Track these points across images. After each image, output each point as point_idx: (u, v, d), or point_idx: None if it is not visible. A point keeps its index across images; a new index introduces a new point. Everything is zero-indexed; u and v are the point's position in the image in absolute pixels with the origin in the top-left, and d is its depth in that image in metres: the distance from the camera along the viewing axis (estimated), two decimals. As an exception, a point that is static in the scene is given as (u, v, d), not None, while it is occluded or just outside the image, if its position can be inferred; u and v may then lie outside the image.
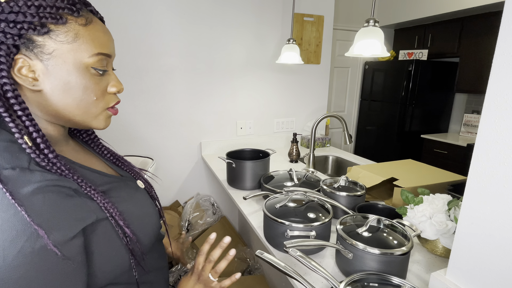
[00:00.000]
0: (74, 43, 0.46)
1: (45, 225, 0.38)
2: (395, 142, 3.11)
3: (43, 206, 0.39)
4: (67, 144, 0.54)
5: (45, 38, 0.44)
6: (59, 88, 0.46)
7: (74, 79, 0.46)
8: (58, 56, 0.45)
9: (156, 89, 1.70)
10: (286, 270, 0.63)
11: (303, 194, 0.95)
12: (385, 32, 3.33)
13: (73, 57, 0.46)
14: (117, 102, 0.54)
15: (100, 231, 0.46)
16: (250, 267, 1.73)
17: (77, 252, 0.42)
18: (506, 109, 0.46)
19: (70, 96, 0.47)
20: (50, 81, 0.45)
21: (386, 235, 0.73)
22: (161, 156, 1.79)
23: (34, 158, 0.42)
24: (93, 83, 0.48)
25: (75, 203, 0.43)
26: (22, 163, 0.41)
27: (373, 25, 1.16)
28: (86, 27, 0.47)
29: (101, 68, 0.49)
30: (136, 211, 0.54)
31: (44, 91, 0.46)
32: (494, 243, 0.50)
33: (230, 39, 1.80)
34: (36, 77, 0.45)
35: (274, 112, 2.06)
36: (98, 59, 0.48)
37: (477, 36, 2.64)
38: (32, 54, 0.44)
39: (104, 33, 0.50)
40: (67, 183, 0.43)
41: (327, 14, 2.04)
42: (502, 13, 0.46)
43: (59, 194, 0.41)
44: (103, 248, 0.47)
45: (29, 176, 0.40)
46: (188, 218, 1.79)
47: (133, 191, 0.57)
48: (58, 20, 0.44)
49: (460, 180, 1.14)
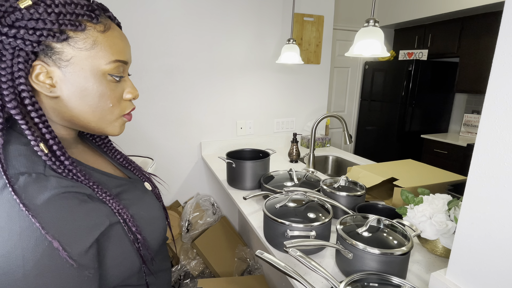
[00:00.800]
0: (92, 50, 0.45)
1: (62, 236, 0.38)
2: (395, 142, 3.11)
3: (59, 215, 0.39)
4: (76, 146, 0.54)
5: (64, 45, 0.43)
6: (76, 95, 0.46)
7: (91, 85, 0.46)
8: (76, 63, 0.45)
9: (156, 89, 1.70)
10: (286, 270, 0.63)
11: (303, 194, 0.95)
12: (385, 32, 3.33)
13: (90, 64, 0.45)
14: (133, 109, 0.54)
15: (112, 235, 0.47)
16: (250, 267, 1.73)
17: (93, 260, 0.42)
18: (506, 109, 0.46)
19: (86, 103, 0.47)
20: (67, 88, 0.45)
21: (386, 235, 0.73)
22: (161, 156, 1.79)
23: (50, 165, 0.42)
24: (109, 90, 0.48)
25: (90, 209, 0.43)
26: (38, 168, 0.41)
27: (373, 25, 1.16)
28: (104, 34, 0.47)
29: (118, 74, 0.49)
30: (146, 215, 0.54)
31: (61, 98, 0.46)
32: (494, 243, 0.50)
33: (230, 39, 1.80)
34: (54, 84, 0.44)
35: (274, 112, 2.06)
36: (115, 66, 0.48)
37: (477, 36, 2.64)
38: (50, 61, 0.43)
39: (121, 39, 0.50)
40: (81, 189, 0.43)
41: (327, 14, 2.04)
42: (502, 13, 0.46)
43: (74, 201, 0.41)
44: (114, 252, 0.47)
45: (45, 182, 0.40)
46: (188, 218, 1.79)
47: (141, 193, 0.57)
48: (78, 27, 0.44)
49: (460, 180, 1.14)
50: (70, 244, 0.39)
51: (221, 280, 1.53)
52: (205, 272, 1.75)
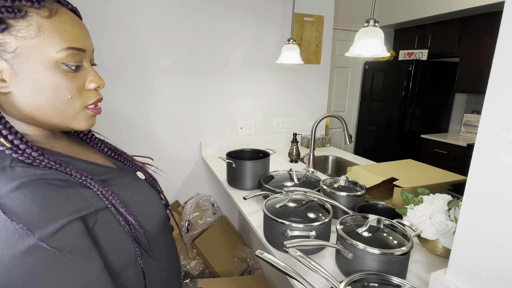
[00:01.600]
0: (38, 38, 0.42)
1: (31, 221, 0.37)
2: (395, 142, 3.11)
3: (27, 201, 0.37)
4: (58, 141, 0.52)
5: (5, 35, 0.40)
6: (29, 88, 0.43)
7: (43, 77, 0.43)
8: (22, 54, 0.41)
9: (156, 89, 1.70)
10: (286, 270, 0.63)
11: (303, 194, 0.95)
12: (385, 32, 3.33)
13: (38, 53, 0.42)
14: (98, 100, 0.50)
15: (103, 221, 0.45)
16: (250, 267, 1.73)
17: (73, 241, 0.40)
18: (506, 109, 0.46)
19: (42, 96, 0.43)
20: (18, 82, 0.42)
21: (386, 235, 0.73)
22: (161, 156, 1.79)
23: (17, 157, 0.40)
24: (65, 80, 0.45)
25: (67, 194, 0.41)
26: (3, 162, 0.39)
27: (373, 25, 1.16)
28: (50, 19, 0.43)
29: (74, 63, 0.45)
30: (138, 199, 0.52)
31: (14, 93, 0.43)
32: (494, 243, 0.50)
33: (230, 39, 1.80)
34: (4, 78, 0.42)
35: (274, 112, 2.06)
36: (68, 54, 0.44)
37: (477, 36, 2.64)
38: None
39: (73, 25, 0.46)
40: (55, 176, 0.41)
41: (327, 14, 2.04)
42: (502, 13, 0.46)
43: (46, 186, 0.39)
44: (109, 238, 0.45)
45: (10, 174, 0.38)
46: (188, 218, 1.79)
47: (132, 180, 0.55)
48: (16, 14, 0.40)
49: (460, 180, 1.14)
50: (40, 226, 0.37)
51: (221, 280, 1.53)
52: (205, 272, 1.75)
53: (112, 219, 0.46)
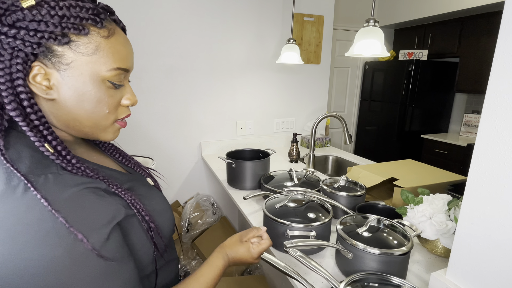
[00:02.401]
0: (94, 56, 0.44)
1: (84, 228, 0.39)
2: (395, 142, 3.11)
3: (80, 209, 0.39)
4: (80, 146, 0.54)
5: (65, 48, 0.42)
6: (73, 99, 0.45)
7: (89, 91, 0.45)
8: (76, 67, 0.43)
9: (156, 89, 1.70)
10: (286, 270, 0.63)
11: (303, 194, 0.95)
12: (385, 32, 3.33)
13: (90, 69, 0.44)
14: (128, 115, 0.53)
15: (129, 227, 0.48)
16: (250, 267, 1.73)
17: (114, 251, 0.42)
18: (506, 109, 0.46)
19: (82, 108, 0.46)
20: (64, 91, 0.44)
21: (386, 235, 0.73)
22: (161, 156, 1.79)
23: (59, 163, 0.42)
24: (107, 96, 0.47)
25: (107, 202, 0.44)
26: (51, 168, 0.41)
27: (373, 25, 1.16)
28: (108, 40, 0.46)
29: (118, 82, 0.48)
30: (156, 207, 0.55)
31: (58, 100, 0.44)
32: (494, 243, 0.50)
33: (231, 39, 1.80)
34: (51, 86, 0.43)
35: (274, 112, 2.06)
36: (116, 73, 0.47)
37: (477, 36, 2.64)
38: (49, 63, 0.42)
39: (125, 46, 0.49)
40: (97, 184, 0.44)
41: (327, 14, 2.04)
42: (502, 13, 0.46)
43: (92, 196, 0.42)
44: (133, 242, 0.48)
45: (62, 181, 0.40)
46: (188, 218, 1.79)
47: (148, 188, 0.58)
48: (81, 31, 0.43)
49: (460, 180, 1.14)
50: (91, 236, 0.39)
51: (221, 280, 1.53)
52: (205, 272, 1.75)
53: (137, 226, 0.49)
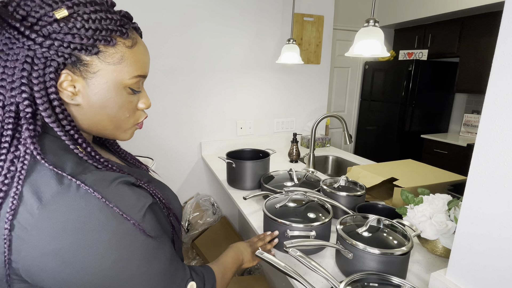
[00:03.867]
0: (119, 65, 0.47)
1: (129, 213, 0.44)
2: (395, 142, 3.11)
3: (123, 198, 0.44)
4: (95, 147, 0.57)
5: (93, 58, 0.44)
6: (97, 105, 0.47)
7: (113, 97, 0.48)
8: (102, 76, 0.46)
9: (156, 89, 1.70)
10: (286, 270, 0.63)
11: (303, 194, 0.95)
12: (385, 32, 3.33)
13: (115, 77, 0.47)
14: (145, 117, 0.57)
15: (155, 212, 0.52)
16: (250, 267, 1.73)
17: (153, 228, 0.48)
18: (506, 109, 0.46)
19: (105, 113, 0.48)
20: (89, 97, 0.46)
21: (386, 235, 0.73)
22: (161, 156, 1.79)
23: (91, 163, 0.45)
24: (127, 101, 0.50)
25: (138, 192, 0.48)
26: (90, 168, 0.44)
27: (373, 25, 1.16)
28: (131, 49, 0.48)
29: (137, 89, 0.51)
30: (169, 196, 0.60)
31: (82, 106, 0.47)
32: (494, 243, 0.50)
33: (230, 39, 1.80)
34: (76, 92, 0.45)
35: (274, 112, 2.06)
36: (137, 80, 0.50)
37: (477, 36, 2.64)
38: (77, 71, 0.44)
39: (145, 54, 0.51)
40: (127, 178, 0.47)
41: (327, 14, 2.04)
42: (502, 13, 0.46)
43: (126, 187, 0.46)
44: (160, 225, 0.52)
45: (103, 177, 0.44)
46: (188, 218, 1.79)
47: (156, 181, 0.62)
48: (110, 43, 0.45)
49: (460, 180, 1.14)
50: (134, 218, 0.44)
51: (221, 280, 1.53)
52: (205, 272, 1.75)
53: (160, 212, 0.54)
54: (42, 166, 0.40)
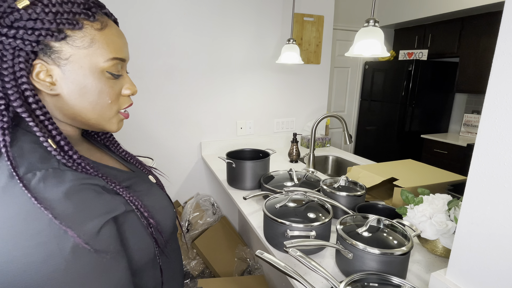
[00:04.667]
0: (90, 48, 0.46)
1: (77, 221, 0.40)
2: (395, 142, 3.11)
3: (76, 205, 0.40)
4: (82, 144, 0.56)
5: (62, 44, 0.44)
6: (76, 92, 0.47)
7: (90, 83, 0.47)
8: (75, 61, 0.45)
9: (156, 89, 1.70)
10: (286, 270, 0.63)
11: (303, 194, 0.95)
12: (385, 32, 3.33)
13: (89, 61, 0.46)
14: (130, 104, 0.55)
15: (129, 222, 0.49)
16: (250, 267, 1.73)
17: (107, 244, 0.43)
18: (506, 109, 0.46)
19: (86, 100, 0.48)
20: (67, 85, 0.46)
21: (386, 235, 0.73)
22: (161, 156, 1.79)
23: (60, 159, 0.43)
24: (108, 86, 0.49)
25: (105, 198, 0.45)
26: (53, 163, 0.42)
27: (373, 25, 1.16)
28: (101, 32, 0.48)
29: (116, 73, 0.50)
30: (156, 204, 0.56)
31: (62, 95, 0.47)
32: (494, 243, 0.50)
33: (230, 39, 1.80)
34: (54, 82, 0.45)
35: (274, 112, 2.06)
36: (113, 63, 0.49)
37: (477, 36, 2.64)
38: (49, 59, 0.44)
39: (119, 37, 0.51)
40: (95, 181, 0.45)
41: (327, 14, 2.04)
42: (502, 13, 0.46)
43: (91, 192, 0.43)
44: (133, 239, 0.49)
45: (62, 176, 0.41)
46: (188, 218, 1.79)
47: (149, 185, 0.59)
48: (75, 26, 0.44)
49: (460, 180, 1.14)
50: (82, 226, 0.40)
51: (221, 280, 1.53)
52: (205, 272, 1.75)
53: (137, 222, 0.50)
54: (2, 159, 0.40)
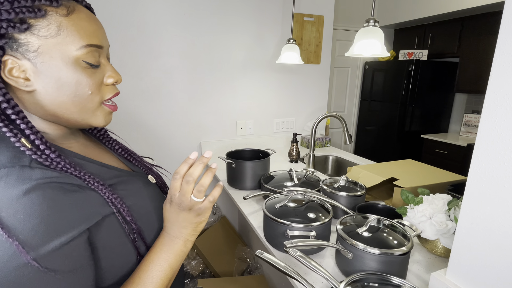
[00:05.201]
0: (58, 36, 0.43)
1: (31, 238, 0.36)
2: (395, 142, 3.11)
3: (32, 212, 0.37)
4: (77, 140, 0.53)
5: (27, 35, 0.41)
6: (52, 86, 0.44)
7: (65, 74, 0.44)
8: (45, 52, 0.42)
9: (156, 89, 1.70)
10: (286, 270, 0.63)
11: (303, 194, 0.95)
12: (385, 32, 3.33)
13: (59, 51, 0.43)
14: (115, 94, 0.51)
15: (107, 227, 0.45)
16: (250, 267, 1.73)
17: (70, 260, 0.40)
18: (506, 109, 0.46)
19: (64, 93, 0.45)
20: (41, 80, 0.43)
21: (386, 235, 0.73)
22: (161, 156, 1.79)
23: (36, 158, 0.41)
24: (86, 76, 0.46)
25: (77, 199, 0.42)
26: (23, 162, 0.40)
27: (373, 25, 1.16)
28: (68, 17, 0.44)
29: (94, 62, 0.46)
30: (145, 206, 0.53)
31: (38, 91, 0.44)
32: (494, 243, 0.50)
33: (230, 39, 1.80)
34: (28, 77, 0.43)
35: (274, 112, 2.06)
36: (87, 51, 0.45)
37: (477, 36, 2.64)
38: (18, 54, 0.41)
39: (89, 22, 0.46)
40: (69, 180, 0.42)
41: (327, 14, 2.04)
42: (502, 13, 0.46)
43: (58, 191, 0.40)
44: (109, 244, 0.46)
45: (28, 174, 0.38)
46: (188, 218, 1.79)
47: (142, 185, 0.56)
48: (37, 13, 0.41)
49: (460, 180, 1.14)
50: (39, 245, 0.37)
51: (221, 280, 1.53)
52: (205, 272, 1.75)
53: (117, 226, 0.47)
54: None
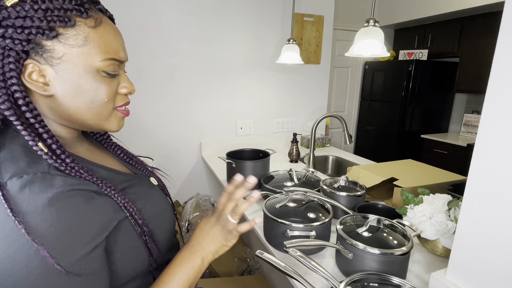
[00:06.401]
0: (84, 47, 0.44)
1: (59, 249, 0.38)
2: (395, 142, 3.11)
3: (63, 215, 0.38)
4: (82, 145, 0.54)
5: (54, 42, 0.42)
6: (70, 93, 0.45)
7: (85, 82, 0.45)
8: (68, 61, 0.43)
9: (156, 89, 1.70)
10: (286, 270, 0.63)
11: (303, 194, 0.95)
12: (385, 32, 3.33)
13: (83, 61, 0.44)
14: (126, 103, 0.53)
15: (121, 231, 0.47)
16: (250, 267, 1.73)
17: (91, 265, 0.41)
18: (506, 109, 0.46)
19: (81, 100, 0.46)
20: (61, 86, 0.44)
21: (386, 235, 0.73)
22: (161, 156, 1.79)
23: (52, 163, 0.41)
24: (104, 85, 0.47)
25: (96, 205, 0.43)
26: (42, 167, 0.40)
27: (373, 25, 1.16)
28: (96, 29, 0.45)
29: (112, 72, 0.48)
30: (153, 208, 0.54)
31: (56, 96, 0.45)
32: (494, 243, 0.50)
33: (230, 39, 1.80)
34: (47, 82, 0.44)
35: (274, 112, 2.06)
36: (109, 63, 0.47)
37: (477, 36, 2.64)
38: (41, 59, 0.42)
39: (115, 36, 0.48)
40: (87, 186, 0.43)
41: (327, 14, 2.04)
42: (502, 13, 0.46)
43: (80, 199, 0.41)
44: (124, 247, 0.47)
45: (50, 181, 0.39)
46: (188, 218, 1.79)
47: (148, 188, 0.57)
48: (67, 23, 0.42)
49: (460, 180, 1.14)
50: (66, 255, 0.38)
51: (221, 280, 1.53)
52: (205, 272, 1.75)
53: (130, 230, 0.48)
54: None
